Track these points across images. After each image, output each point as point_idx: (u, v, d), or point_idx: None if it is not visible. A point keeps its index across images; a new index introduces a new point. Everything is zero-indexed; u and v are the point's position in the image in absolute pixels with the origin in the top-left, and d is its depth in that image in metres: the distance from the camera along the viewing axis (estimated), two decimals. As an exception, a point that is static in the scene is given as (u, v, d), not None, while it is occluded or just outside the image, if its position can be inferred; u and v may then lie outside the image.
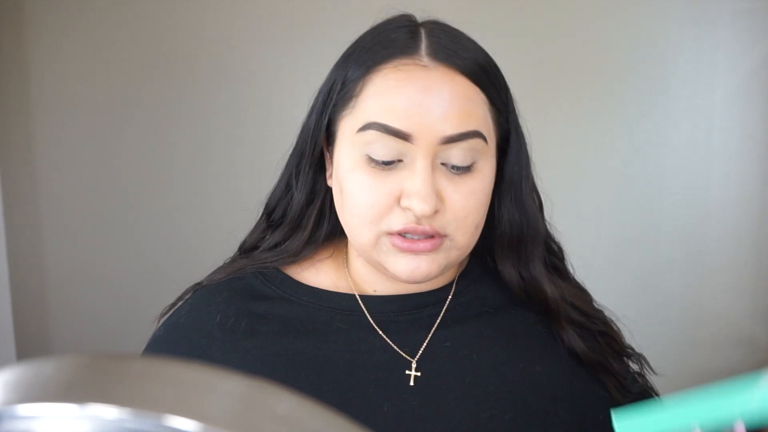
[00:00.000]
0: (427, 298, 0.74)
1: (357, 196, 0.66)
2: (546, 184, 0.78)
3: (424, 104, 0.64)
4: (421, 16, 0.72)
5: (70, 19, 1.46)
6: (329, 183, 0.73)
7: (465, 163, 0.66)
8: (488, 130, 0.68)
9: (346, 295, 0.74)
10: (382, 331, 0.72)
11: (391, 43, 0.67)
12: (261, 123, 1.53)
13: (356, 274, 0.75)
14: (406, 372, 0.70)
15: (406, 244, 0.66)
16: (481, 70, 0.67)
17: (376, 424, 0.66)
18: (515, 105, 0.72)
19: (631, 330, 0.84)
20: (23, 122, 1.47)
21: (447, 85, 0.65)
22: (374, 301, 0.73)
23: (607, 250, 1.66)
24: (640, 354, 0.82)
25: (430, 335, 0.72)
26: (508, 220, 0.74)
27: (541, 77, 1.59)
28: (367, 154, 0.65)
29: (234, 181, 1.53)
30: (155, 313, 0.78)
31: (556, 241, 0.81)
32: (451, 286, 0.75)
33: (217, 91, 1.51)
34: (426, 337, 0.72)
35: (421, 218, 0.65)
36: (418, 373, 0.70)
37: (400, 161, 0.65)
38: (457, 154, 0.65)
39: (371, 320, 0.72)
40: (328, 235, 0.76)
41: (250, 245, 0.79)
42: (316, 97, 0.72)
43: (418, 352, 0.71)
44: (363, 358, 0.70)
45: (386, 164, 0.65)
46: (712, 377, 0.70)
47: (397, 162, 0.65)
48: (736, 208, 1.67)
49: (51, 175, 1.49)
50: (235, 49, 1.51)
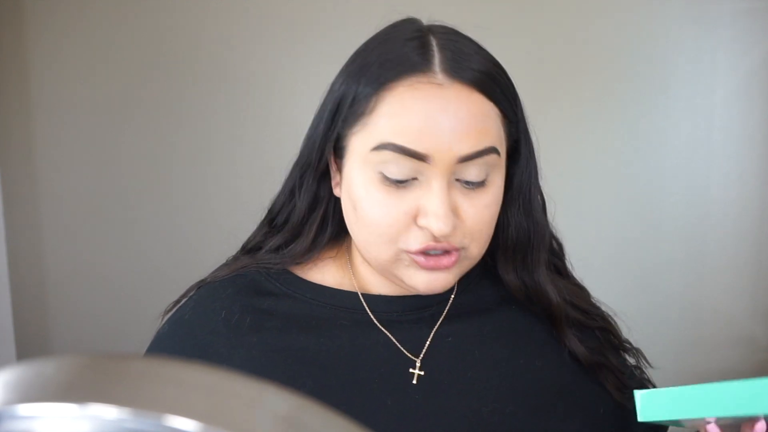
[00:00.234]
0: (430, 299, 0.74)
1: (373, 216, 0.66)
2: (546, 184, 0.78)
3: (440, 124, 0.63)
4: (423, 17, 0.71)
5: (70, 19, 1.46)
6: (334, 191, 0.73)
7: (479, 179, 0.66)
8: (501, 143, 0.68)
9: (350, 293, 0.74)
10: (385, 329, 0.72)
11: (403, 59, 0.65)
12: (261, 123, 1.53)
13: (360, 275, 0.75)
14: (410, 370, 0.70)
15: (431, 262, 0.66)
16: (494, 83, 0.66)
17: (379, 418, 0.67)
18: (524, 111, 0.72)
19: (631, 330, 0.84)
20: (23, 122, 1.47)
21: (463, 104, 0.64)
22: (377, 300, 0.74)
23: (607, 250, 1.66)
24: (638, 348, 0.83)
25: (433, 333, 0.73)
26: (515, 227, 0.74)
27: (541, 77, 1.59)
28: (381, 172, 0.65)
29: (234, 182, 1.53)
30: (155, 313, 0.78)
31: (557, 238, 0.81)
32: (453, 286, 0.76)
33: (217, 91, 1.51)
34: (428, 335, 0.73)
35: (440, 237, 0.65)
36: (422, 372, 0.70)
37: (415, 179, 0.65)
38: (473, 171, 0.65)
39: (374, 318, 0.72)
40: (332, 236, 0.76)
41: (253, 246, 0.79)
42: (322, 108, 0.71)
43: (422, 351, 0.72)
44: (366, 353, 0.70)
45: (400, 183, 0.65)
46: (712, 377, 0.70)
47: (411, 180, 0.65)
48: (736, 208, 1.67)
49: (51, 175, 1.49)
50: (235, 49, 1.51)
